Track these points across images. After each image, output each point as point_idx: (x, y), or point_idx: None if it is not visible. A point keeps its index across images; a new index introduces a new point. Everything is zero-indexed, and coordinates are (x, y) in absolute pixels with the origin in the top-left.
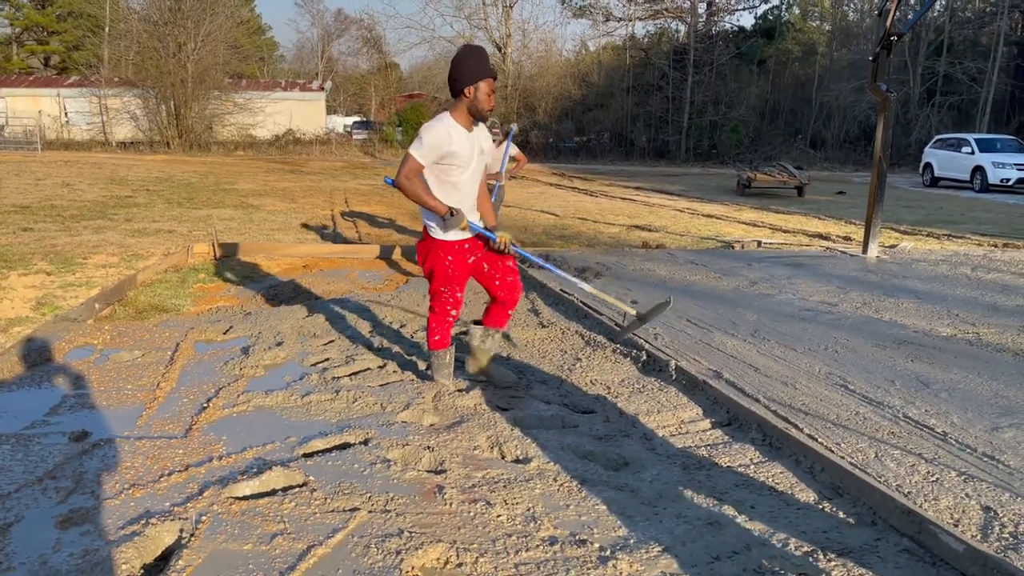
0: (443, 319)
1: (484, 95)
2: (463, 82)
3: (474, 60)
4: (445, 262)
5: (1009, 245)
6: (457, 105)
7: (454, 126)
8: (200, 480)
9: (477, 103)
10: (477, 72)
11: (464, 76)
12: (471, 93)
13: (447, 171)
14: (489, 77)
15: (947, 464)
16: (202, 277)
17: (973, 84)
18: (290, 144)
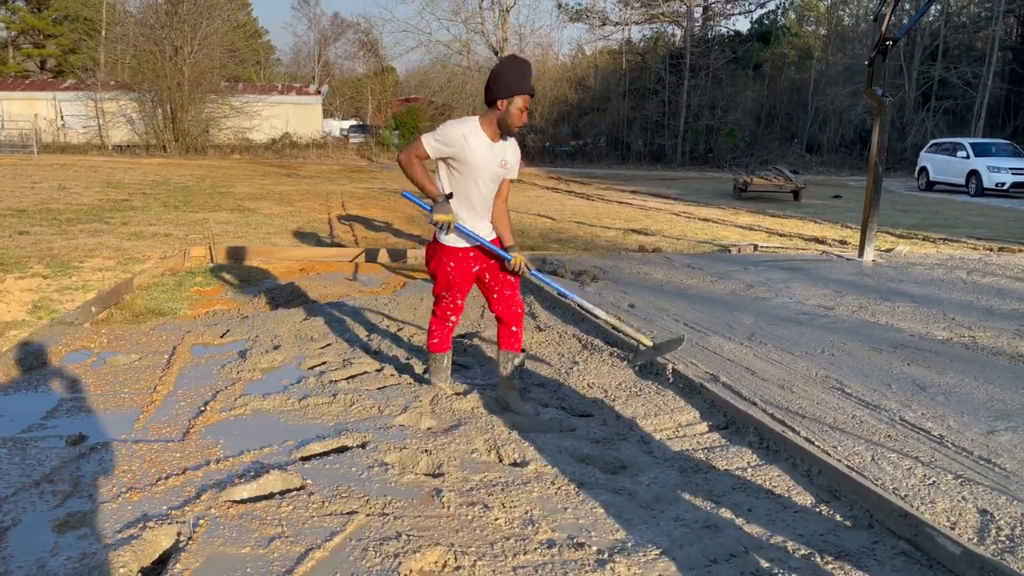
0: (443, 323)
1: (517, 110)
2: (498, 93)
3: (515, 73)
4: (447, 268)
5: (1004, 249)
6: (488, 114)
7: (477, 132)
8: (197, 483)
9: (508, 117)
10: (515, 87)
11: (501, 87)
12: (503, 106)
13: (456, 175)
14: (527, 94)
15: (944, 467)
16: (199, 281)
17: (968, 88)
18: (287, 148)
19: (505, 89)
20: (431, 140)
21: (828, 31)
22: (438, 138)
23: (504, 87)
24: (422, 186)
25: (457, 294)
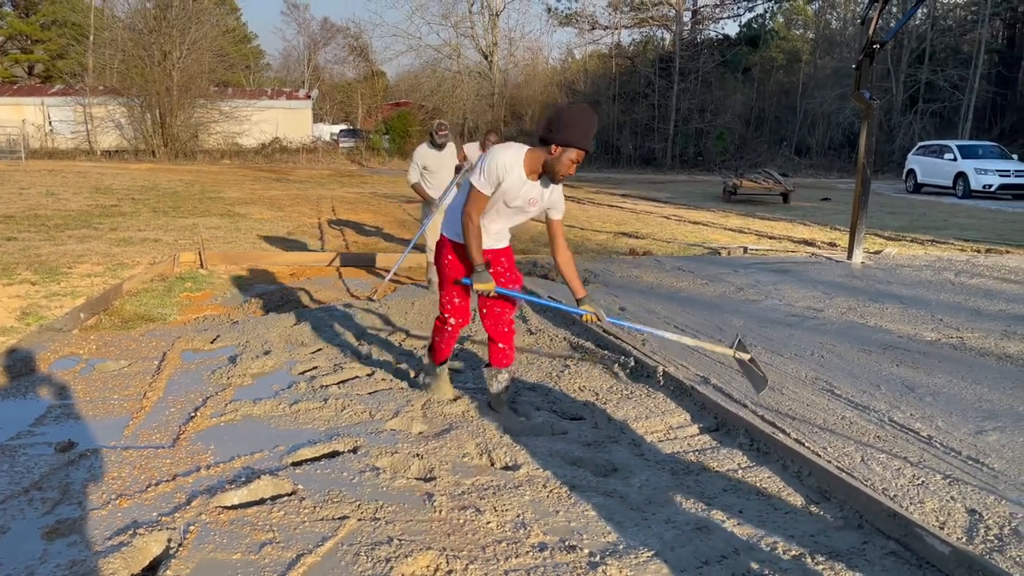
0: (441, 329)
1: (567, 161)
2: (557, 138)
3: (581, 126)
4: (445, 260)
5: (992, 250)
6: (537, 150)
7: (517, 165)
8: (188, 490)
9: (557, 164)
10: (576, 139)
11: (562, 134)
12: (556, 152)
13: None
14: (583, 149)
15: (932, 467)
16: (188, 286)
17: (955, 91)
18: (276, 152)
19: (566, 138)
20: (481, 181)
21: (816, 35)
22: (487, 173)
23: (566, 135)
24: (470, 248)
25: (454, 292)
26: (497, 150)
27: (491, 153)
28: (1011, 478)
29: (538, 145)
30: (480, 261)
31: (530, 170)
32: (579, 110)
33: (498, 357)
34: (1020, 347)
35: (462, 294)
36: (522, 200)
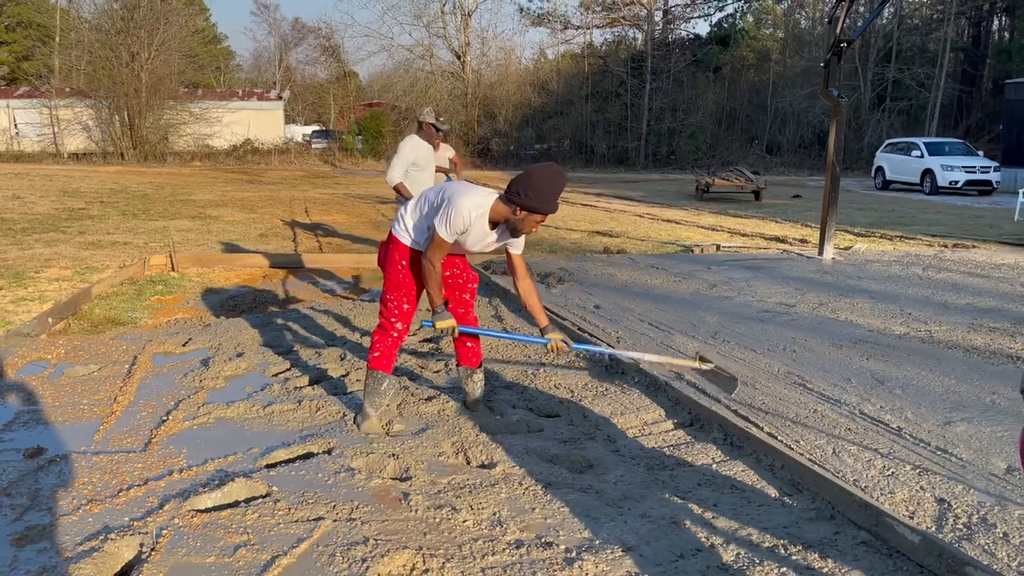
0: (387, 333)
1: (531, 223)
2: (522, 201)
3: (546, 192)
4: (398, 266)
5: (959, 245)
6: (502, 207)
7: (482, 218)
8: (160, 494)
9: (520, 225)
10: (540, 206)
11: (528, 199)
12: (520, 215)
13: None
14: (548, 213)
15: (902, 458)
16: (159, 289)
17: (921, 89)
18: (248, 154)
19: (531, 204)
20: (448, 226)
21: (785, 34)
22: (453, 222)
23: (532, 202)
24: (430, 293)
25: (404, 297)
26: (464, 198)
27: (456, 200)
28: (979, 468)
29: (505, 203)
30: (440, 302)
31: (493, 222)
32: (546, 176)
33: (468, 356)
34: (986, 339)
35: (411, 299)
36: (481, 245)
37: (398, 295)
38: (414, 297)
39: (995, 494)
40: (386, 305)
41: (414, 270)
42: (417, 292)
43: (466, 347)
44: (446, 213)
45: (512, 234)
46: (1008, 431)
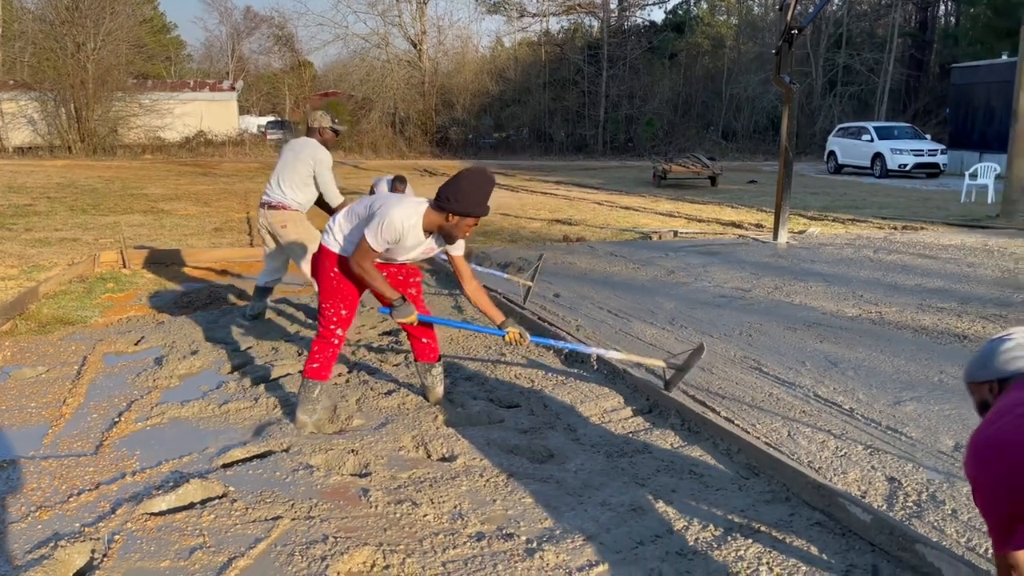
0: (327, 343)
1: (464, 227)
2: (452, 207)
3: (475, 196)
4: (330, 274)
5: (908, 227)
6: (435, 214)
7: (416, 227)
8: (112, 498)
9: (454, 230)
10: (470, 209)
11: (458, 204)
12: (453, 220)
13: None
14: (479, 216)
15: (854, 439)
16: (110, 287)
17: (871, 74)
18: (201, 146)
19: (463, 208)
20: (376, 236)
21: (739, 20)
22: (383, 233)
23: (461, 204)
24: (380, 292)
25: (341, 304)
26: (394, 210)
27: (388, 212)
28: (928, 446)
29: (436, 210)
30: (394, 296)
31: (427, 230)
32: (474, 180)
33: (425, 352)
34: (934, 320)
35: (350, 305)
36: (418, 252)
37: (334, 302)
38: (351, 303)
39: (944, 471)
40: (324, 314)
41: (348, 276)
42: (354, 297)
43: (421, 343)
44: (378, 224)
45: (447, 240)
46: (956, 409)
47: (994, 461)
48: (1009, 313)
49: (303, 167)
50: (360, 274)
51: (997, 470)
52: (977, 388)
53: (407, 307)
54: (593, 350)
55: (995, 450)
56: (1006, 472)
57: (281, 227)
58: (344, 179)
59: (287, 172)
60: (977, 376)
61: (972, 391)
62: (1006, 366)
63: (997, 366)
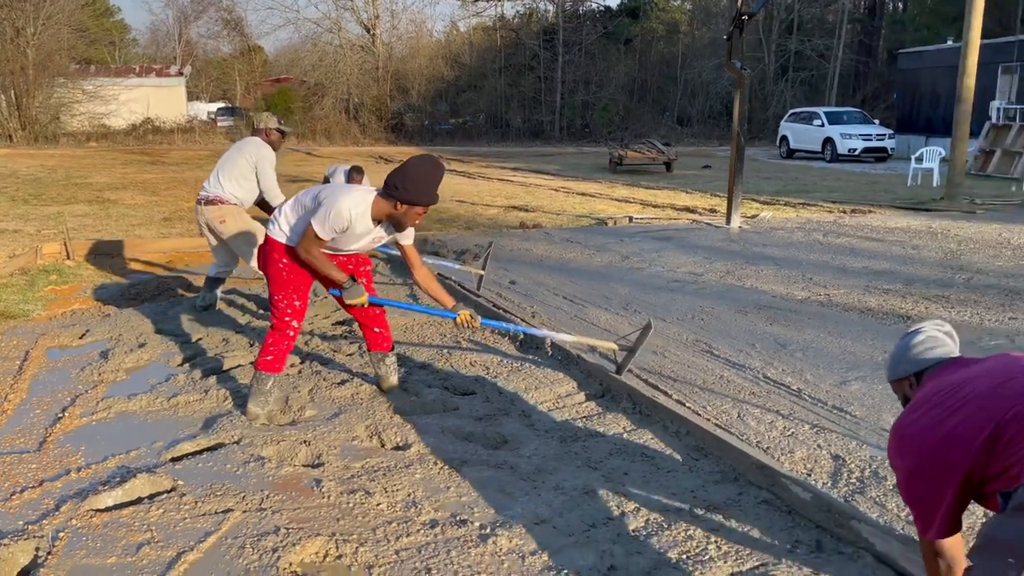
0: (282, 335)
1: (413, 215)
2: (401, 195)
3: (424, 184)
4: (279, 265)
5: (856, 211)
6: (384, 203)
7: (364, 215)
8: (56, 495)
9: (403, 219)
10: (419, 198)
11: (407, 192)
12: (402, 209)
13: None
14: (429, 205)
15: (801, 418)
16: (53, 279)
17: (822, 60)
18: (149, 133)
19: (411, 197)
20: (323, 224)
21: (693, 5)
22: (331, 221)
23: (410, 193)
24: (328, 275)
25: (294, 294)
26: (342, 199)
27: (336, 200)
28: (871, 424)
29: (385, 199)
30: (343, 279)
31: (376, 219)
32: (422, 168)
33: (377, 341)
34: (880, 301)
35: (302, 295)
36: (368, 241)
37: (286, 293)
38: (304, 293)
39: (886, 448)
40: (277, 306)
41: (298, 265)
42: (306, 287)
43: (374, 332)
44: (326, 212)
45: (396, 228)
46: None
47: (912, 450)
48: (951, 294)
49: (245, 162)
50: (308, 260)
51: (915, 459)
52: (898, 385)
53: (357, 288)
54: (544, 333)
55: (912, 440)
56: (923, 460)
57: (220, 222)
58: (296, 167)
59: (227, 166)
60: (896, 373)
61: (894, 389)
62: (919, 358)
63: (911, 360)
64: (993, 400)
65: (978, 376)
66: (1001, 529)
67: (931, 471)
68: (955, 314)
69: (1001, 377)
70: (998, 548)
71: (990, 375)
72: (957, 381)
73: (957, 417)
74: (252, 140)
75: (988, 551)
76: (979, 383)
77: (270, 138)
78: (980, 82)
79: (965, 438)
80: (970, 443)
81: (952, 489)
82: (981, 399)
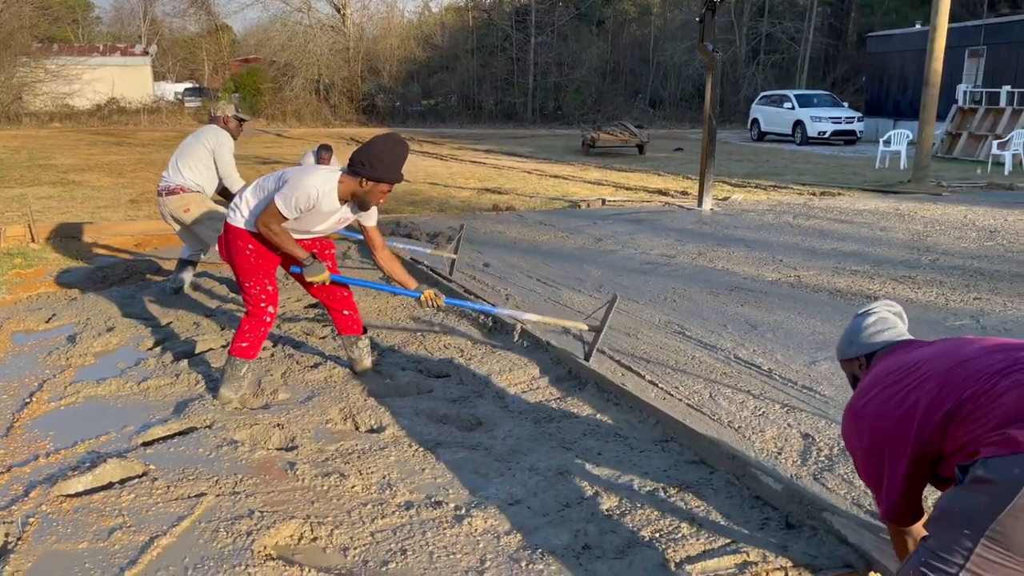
0: (258, 321)
1: (378, 193)
2: (366, 172)
3: (388, 162)
4: (246, 252)
5: (825, 193)
6: (349, 181)
7: (330, 194)
8: (25, 480)
9: (367, 197)
10: (384, 175)
11: (372, 169)
12: (366, 186)
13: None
14: (394, 182)
15: (772, 398)
16: (18, 262)
17: (792, 43)
18: (114, 114)
19: (376, 174)
20: (287, 202)
21: None
22: (295, 198)
23: (375, 170)
24: (290, 252)
25: (264, 279)
26: (308, 177)
27: (302, 179)
28: (840, 403)
29: (350, 177)
30: (304, 255)
31: (342, 198)
32: (387, 146)
33: (347, 324)
34: (848, 282)
35: (272, 279)
36: (333, 221)
37: (257, 279)
38: (273, 276)
39: None
40: (249, 293)
41: (265, 248)
42: (274, 270)
43: (343, 316)
44: (291, 190)
45: (361, 207)
46: None
47: (869, 429)
48: (918, 274)
49: (203, 149)
50: (267, 235)
51: (872, 437)
52: (848, 365)
53: (318, 265)
54: (510, 313)
55: (869, 419)
56: (879, 437)
57: (184, 211)
58: (266, 148)
59: (186, 153)
60: (846, 353)
61: (844, 368)
62: (870, 340)
63: (862, 342)
64: (952, 378)
65: (933, 357)
66: (957, 500)
67: (887, 448)
68: (921, 295)
69: (957, 358)
70: (954, 519)
71: (946, 355)
72: (910, 361)
73: (914, 395)
74: (210, 128)
75: (943, 521)
76: (936, 363)
77: (228, 126)
78: (947, 66)
79: (923, 415)
80: (927, 420)
81: (905, 462)
82: (939, 377)
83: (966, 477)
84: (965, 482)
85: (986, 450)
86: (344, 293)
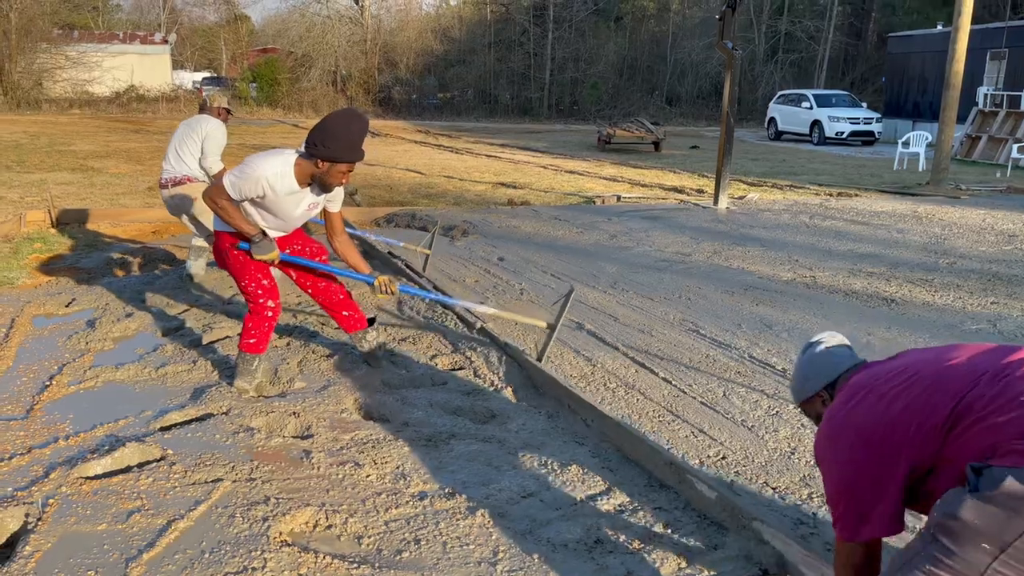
0: (261, 317)
1: (336, 174)
2: (321, 152)
3: (344, 141)
4: (234, 252)
5: (843, 194)
6: (306, 163)
7: (285, 176)
8: (45, 462)
9: (327, 178)
10: (339, 155)
11: (327, 149)
12: (324, 167)
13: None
14: (352, 162)
15: (786, 398)
16: (38, 247)
17: (811, 42)
18: (133, 101)
19: (331, 153)
20: (233, 183)
21: None
22: (242, 183)
23: (330, 149)
24: (236, 227)
25: (258, 274)
26: (260, 161)
27: (252, 164)
28: None
29: (307, 159)
30: (254, 232)
31: (302, 179)
32: (343, 122)
33: (351, 323)
34: (864, 283)
35: (267, 274)
36: (304, 208)
37: (251, 277)
38: (268, 270)
39: None
40: (247, 291)
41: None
42: (266, 266)
43: (343, 316)
44: (240, 173)
45: (323, 189)
46: None
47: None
48: (935, 278)
49: (198, 136)
50: (214, 209)
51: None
52: (809, 405)
53: (267, 243)
54: (463, 303)
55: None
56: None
57: (192, 201)
58: (282, 139)
59: (184, 143)
60: (805, 392)
61: (805, 411)
62: (830, 369)
63: (820, 372)
64: (945, 382)
65: (913, 364)
66: (976, 511)
67: (876, 458)
68: (938, 298)
69: (944, 362)
70: (969, 530)
71: (930, 363)
72: (888, 371)
73: (902, 401)
74: (203, 116)
75: (957, 534)
76: (920, 369)
77: (221, 116)
78: (968, 68)
79: (915, 420)
80: (922, 424)
81: (901, 471)
82: (928, 381)
83: (980, 480)
84: (982, 489)
85: (1010, 459)
86: (340, 296)
